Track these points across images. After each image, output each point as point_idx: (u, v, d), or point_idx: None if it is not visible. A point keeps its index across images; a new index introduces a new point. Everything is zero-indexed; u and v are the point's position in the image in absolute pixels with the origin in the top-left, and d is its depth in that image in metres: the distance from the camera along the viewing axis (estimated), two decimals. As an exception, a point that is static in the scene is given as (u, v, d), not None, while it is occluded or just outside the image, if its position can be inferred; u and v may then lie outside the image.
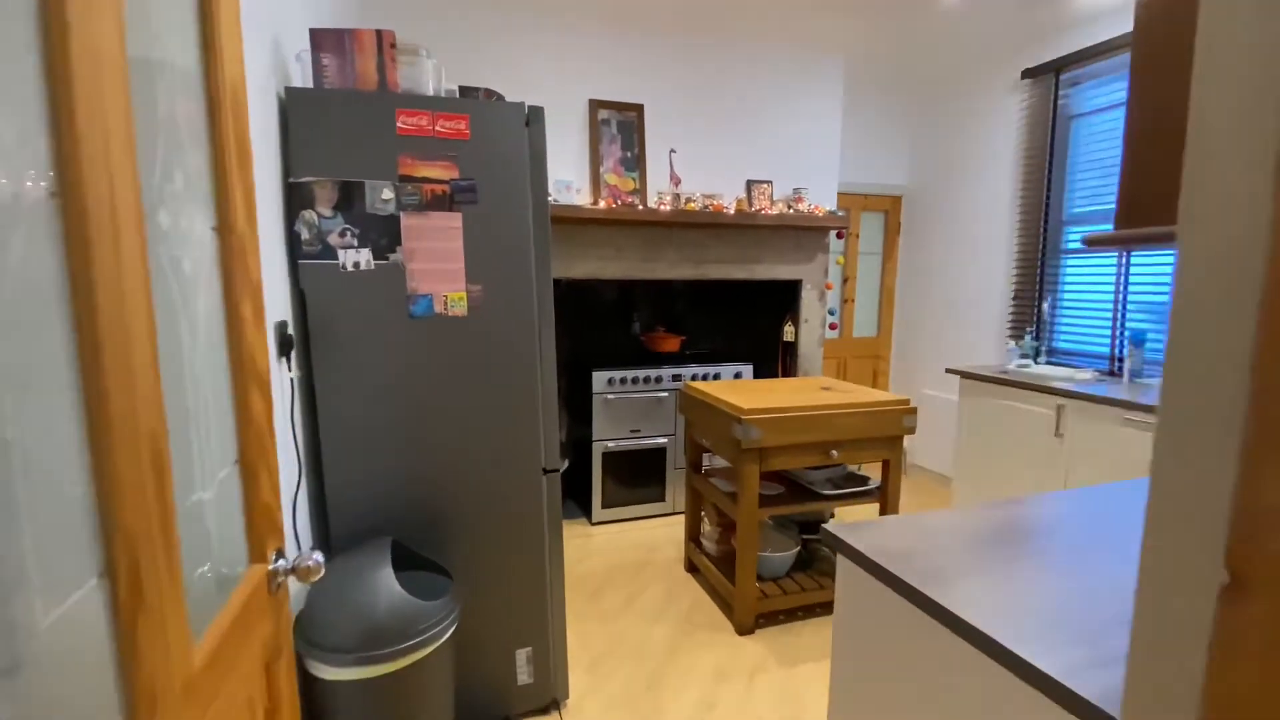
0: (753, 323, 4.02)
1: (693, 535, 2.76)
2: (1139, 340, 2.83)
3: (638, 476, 3.36)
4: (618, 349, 3.83)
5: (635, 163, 3.23)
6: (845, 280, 4.33)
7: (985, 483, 3.06)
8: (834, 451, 2.30)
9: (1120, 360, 3.03)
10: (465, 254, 1.60)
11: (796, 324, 3.64)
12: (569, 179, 3.02)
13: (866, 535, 1.09)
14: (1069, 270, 3.34)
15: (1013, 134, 3.54)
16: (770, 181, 3.41)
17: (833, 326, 3.71)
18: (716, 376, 3.43)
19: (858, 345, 4.45)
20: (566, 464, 3.44)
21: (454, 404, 1.65)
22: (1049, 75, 3.29)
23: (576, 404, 3.56)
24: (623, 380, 3.26)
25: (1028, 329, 3.43)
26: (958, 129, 3.92)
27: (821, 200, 3.59)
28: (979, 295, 3.80)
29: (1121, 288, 3.03)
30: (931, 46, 3.54)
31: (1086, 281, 3.24)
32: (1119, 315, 3.04)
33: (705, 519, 2.79)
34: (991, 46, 3.51)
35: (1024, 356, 3.25)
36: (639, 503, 3.39)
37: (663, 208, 3.10)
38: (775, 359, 3.75)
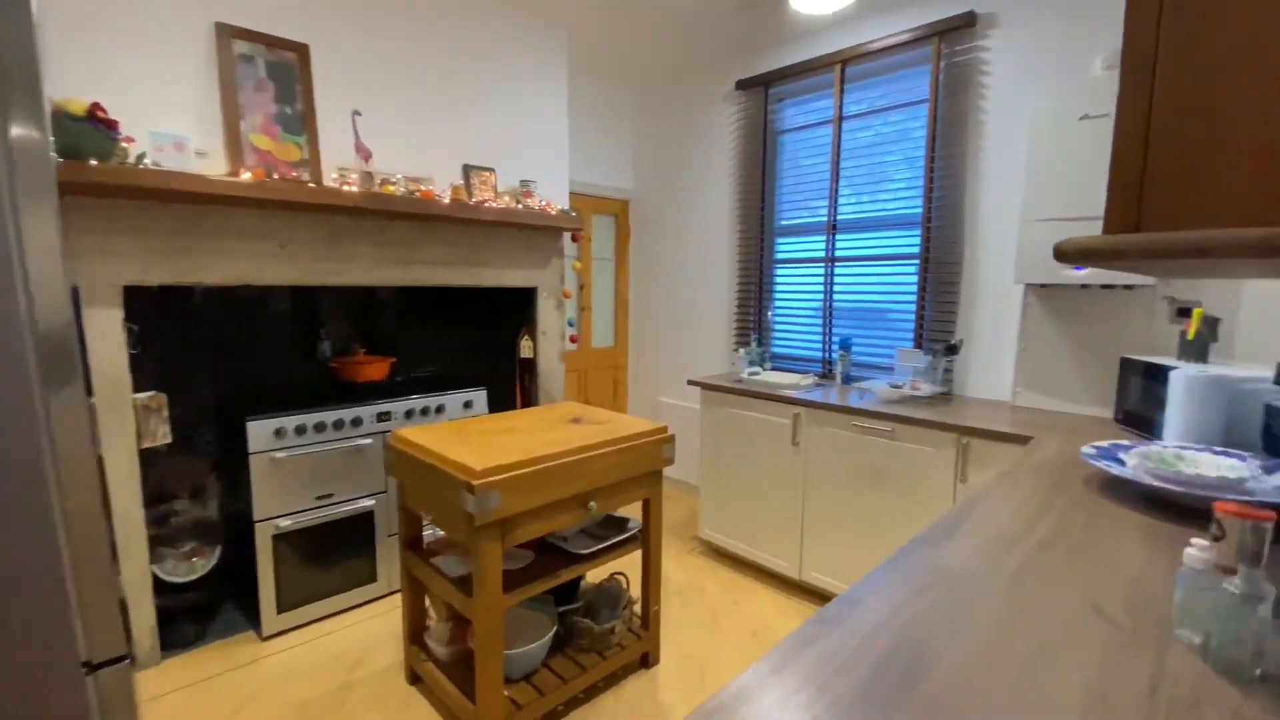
0: (483, 338, 3.40)
1: (415, 635, 2.04)
2: (846, 345, 3.02)
3: (334, 556, 2.48)
4: (295, 384, 2.83)
5: (301, 123, 2.33)
6: (581, 287, 3.99)
7: (731, 492, 2.99)
8: (592, 504, 1.85)
9: (831, 364, 3.24)
10: None
11: (534, 337, 3.14)
12: (184, 134, 2.00)
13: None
14: (780, 279, 3.50)
15: (730, 143, 3.59)
16: (493, 169, 2.83)
17: (573, 339, 3.32)
18: (440, 410, 2.73)
19: (597, 356, 4.17)
20: (211, 564, 2.37)
21: None
22: (759, 89, 3.38)
23: (227, 470, 2.50)
24: (301, 429, 2.34)
25: (752, 336, 3.50)
26: (679, 132, 3.87)
27: (552, 197, 3.14)
28: (708, 303, 3.81)
29: (828, 295, 3.23)
30: (653, 39, 3.37)
31: (796, 290, 3.41)
32: (828, 322, 3.25)
33: (431, 610, 2.10)
34: (709, 50, 3.49)
35: (753, 364, 3.28)
36: (338, 591, 2.50)
37: (348, 188, 2.28)
38: (513, 379, 3.20)
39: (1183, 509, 1.33)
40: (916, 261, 2.86)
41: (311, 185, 2.25)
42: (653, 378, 4.21)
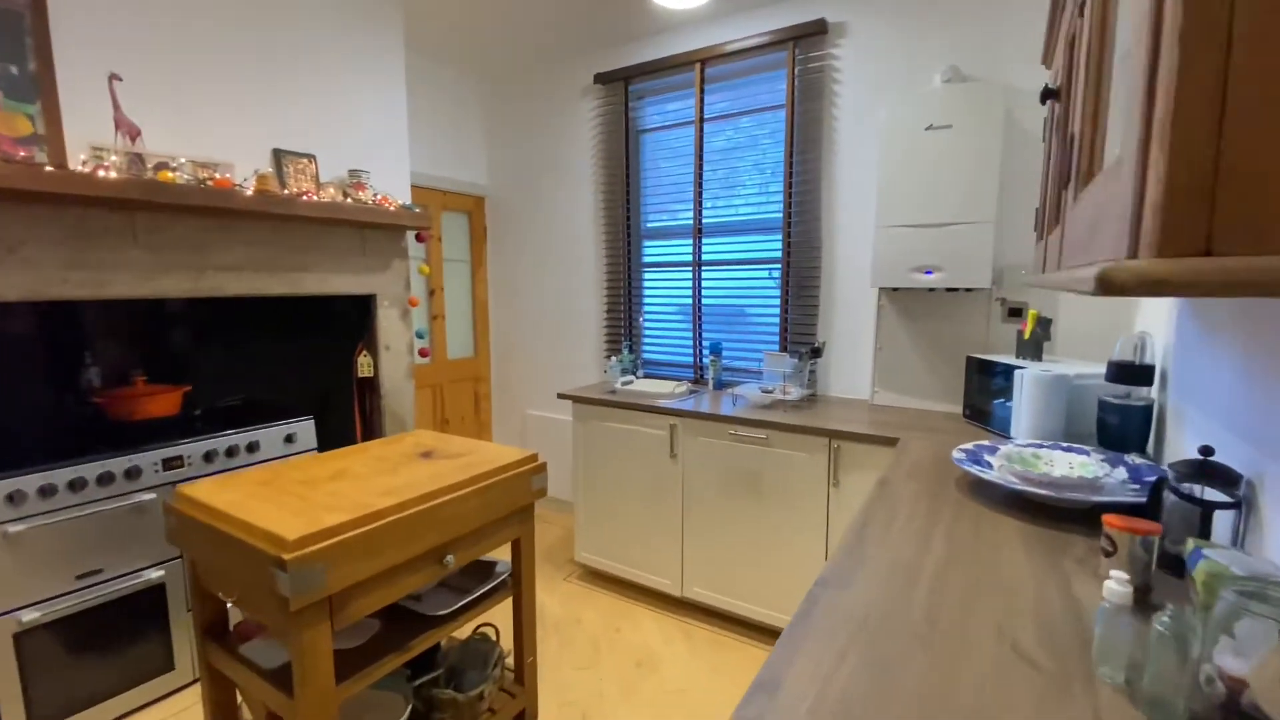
0: (310, 356, 2.90)
1: (223, 742, 1.62)
2: (717, 350, 2.97)
3: (110, 647, 1.92)
4: (42, 428, 2.19)
5: (34, 89, 1.76)
6: (432, 293, 3.59)
7: (609, 509, 2.81)
8: (449, 558, 1.57)
9: (703, 369, 3.19)
10: None
11: (375, 353, 2.73)
12: None
13: None
14: (649, 283, 3.39)
15: (591, 140, 3.41)
16: (313, 156, 2.39)
17: (423, 352, 2.94)
18: (253, 448, 2.24)
19: (455, 369, 3.78)
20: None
21: None
22: (619, 84, 3.23)
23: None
24: (47, 490, 1.77)
25: (623, 343, 3.36)
26: (537, 125, 3.62)
27: (391, 191, 2.74)
28: (575, 308, 3.61)
29: (697, 300, 3.17)
30: (503, 20, 3.09)
31: (665, 294, 3.32)
32: (697, 327, 3.19)
33: (244, 706, 1.68)
34: (565, 37, 3.27)
35: (625, 372, 3.14)
36: (120, 689, 1.95)
37: (106, 174, 1.76)
38: (349, 403, 2.75)
39: (1050, 509, 1.36)
40: (779, 265, 2.87)
41: (50, 169, 1.71)
42: (518, 389, 3.92)
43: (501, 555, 2.01)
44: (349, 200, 2.39)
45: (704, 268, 3.14)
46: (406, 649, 1.53)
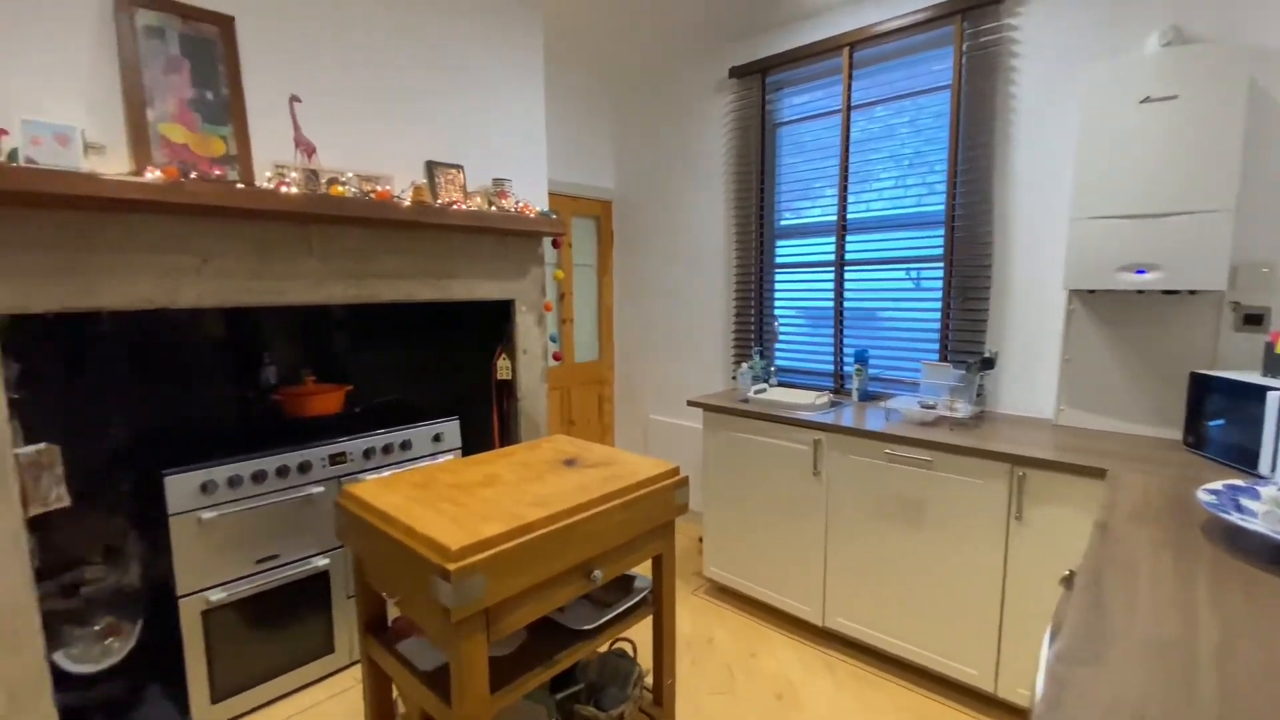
0: (453, 358, 3.02)
1: (379, 734, 1.67)
2: (862, 358, 2.73)
3: (281, 628, 2.08)
4: (230, 424, 2.42)
5: (226, 112, 1.93)
6: (562, 297, 3.63)
7: (741, 525, 2.67)
8: (597, 573, 1.51)
9: (844, 378, 2.95)
10: None
11: (513, 357, 2.78)
12: (69, 124, 1.59)
13: None
14: (781, 285, 3.20)
15: (723, 136, 3.28)
16: (460, 167, 2.46)
17: (556, 357, 2.96)
18: (405, 446, 2.34)
19: (581, 372, 3.81)
20: (130, 645, 1.95)
21: None
22: (756, 76, 3.08)
23: (147, 531, 2.08)
24: (235, 480, 1.93)
25: (754, 349, 3.19)
26: (667, 125, 3.55)
27: (529, 198, 2.78)
28: (702, 311, 3.49)
29: (839, 302, 2.94)
30: (634, 20, 3.04)
31: (800, 296, 3.12)
32: (839, 332, 2.96)
33: (400, 702, 1.73)
34: (698, 33, 3.17)
35: (758, 380, 2.98)
36: (287, 668, 2.10)
37: (287, 190, 1.90)
38: (488, 403, 2.83)
39: (1361, 580, 1.05)
40: (940, 265, 2.58)
41: (240, 186, 1.86)
42: (641, 393, 3.88)
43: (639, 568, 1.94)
44: (493, 209, 2.44)
45: (847, 267, 2.91)
46: (553, 662, 1.49)
